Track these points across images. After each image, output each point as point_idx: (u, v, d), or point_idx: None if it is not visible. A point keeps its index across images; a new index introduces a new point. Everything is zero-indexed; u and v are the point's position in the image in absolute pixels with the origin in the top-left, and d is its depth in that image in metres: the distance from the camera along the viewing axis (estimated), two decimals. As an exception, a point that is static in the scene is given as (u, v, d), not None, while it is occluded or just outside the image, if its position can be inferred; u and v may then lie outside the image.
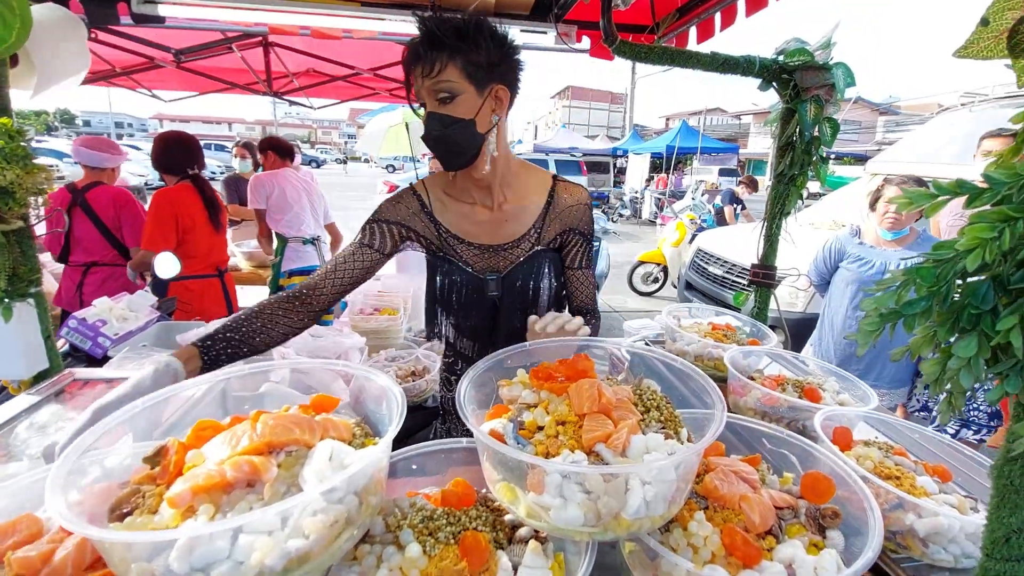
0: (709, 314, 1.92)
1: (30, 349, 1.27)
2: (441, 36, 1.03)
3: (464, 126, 1.09)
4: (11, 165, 1.15)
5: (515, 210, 1.27)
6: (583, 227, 1.29)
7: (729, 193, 7.47)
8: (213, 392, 1.11)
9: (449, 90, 1.05)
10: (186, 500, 0.52)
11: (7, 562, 0.60)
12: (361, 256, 1.23)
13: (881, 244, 2.84)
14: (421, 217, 1.27)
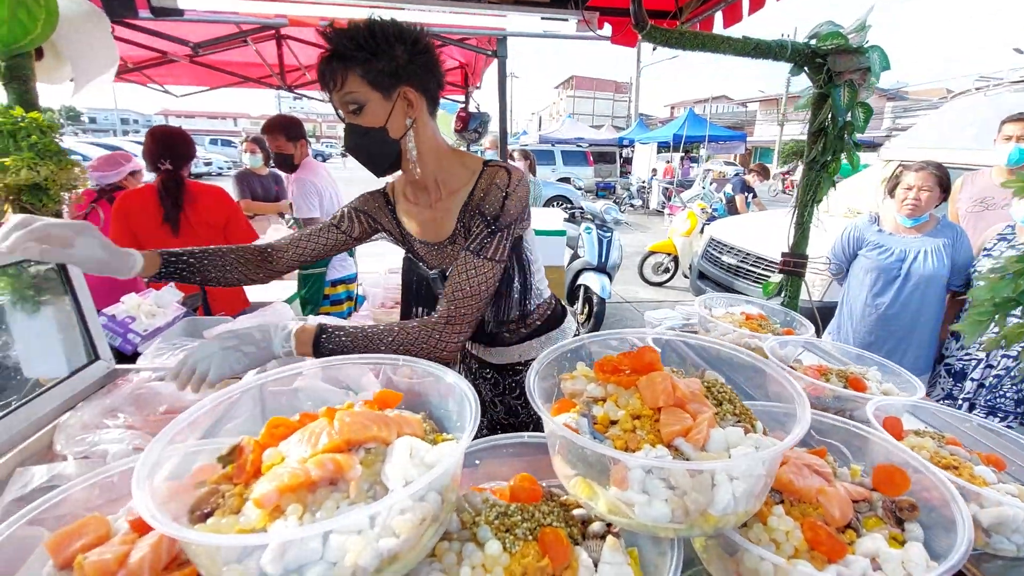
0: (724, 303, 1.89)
1: (68, 345, 1.26)
2: (340, 48, 1.05)
3: (376, 134, 1.11)
4: (45, 161, 1.14)
5: (448, 204, 1.24)
6: (485, 208, 1.15)
7: (740, 182, 7.41)
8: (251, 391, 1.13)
9: (355, 100, 1.07)
10: (273, 500, 0.51)
11: (79, 565, 0.59)
12: (328, 234, 1.35)
13: (900, 231, 2.80)
14: (386, 213, 1.35)
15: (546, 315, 1.41)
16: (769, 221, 6.14)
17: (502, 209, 1.14)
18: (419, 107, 1.13)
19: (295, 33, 3.34)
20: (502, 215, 1.14)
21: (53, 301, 1.23)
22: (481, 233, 1.14)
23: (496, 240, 1.13)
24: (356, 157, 1.17)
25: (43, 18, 1.17)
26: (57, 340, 1.25)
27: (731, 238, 5.48)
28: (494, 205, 1.14)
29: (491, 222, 1.14)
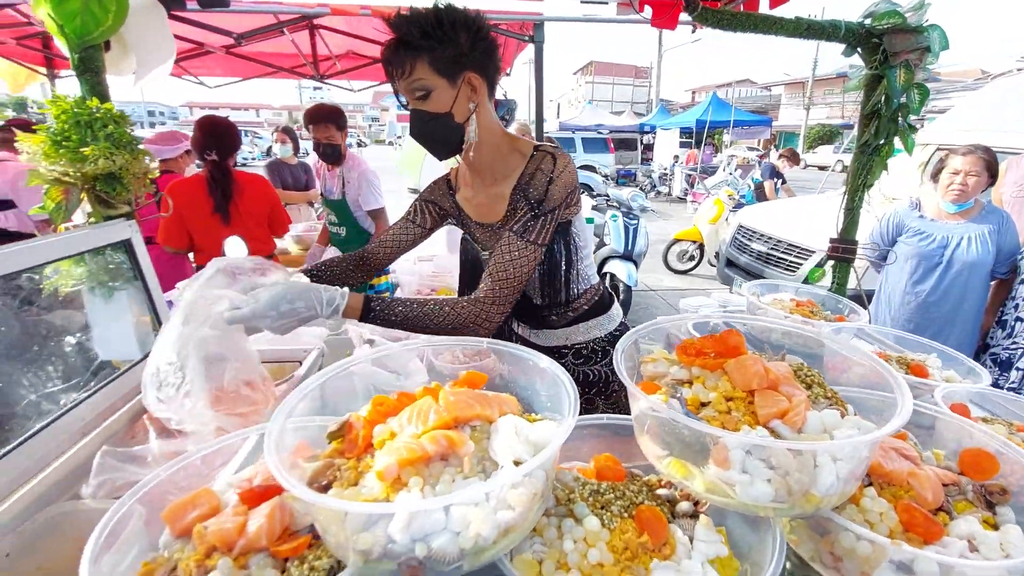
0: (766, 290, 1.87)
1: (139, 329, 1.31)
2: (407, 37, 1.07)
3: (442, 119, 1.13)
4: (119, 151, 1.18)
5: (501, 189, 1.27)
6: (530, 192, 1.18)
7: (769, 167, 7.26)
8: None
9: (422, 87, 1.10)
10: (394, 473, 0.53)
11: (199, 534, 0.62)
12: (406, 230, 1.44)
13: (943, 217, 2.73)
14: (448, 198, 1.40)
15: (593, 300, 1.43)
16: (799, 207, 6.01)
17: (546, 194, 1.17)
18: (481, 92, 1.16)
19: (327, 23, 3.35)
20: (546, 199, 1.16)
21: (125, 287, 1.28)
22: (525, 216, 1.17)
23: (539, 224, 1.16)
24: (421, 141, 1.20)
25: (114, 10, 1.20)
26: (130, 324, 1.30)
27: (761, 225, 5.39)
28: (539, 189, 1.17)
29: (535, 206, 1.17)
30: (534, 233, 1.16)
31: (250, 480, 0.70)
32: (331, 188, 3.03)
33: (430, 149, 1.21)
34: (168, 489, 0.82)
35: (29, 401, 1.08)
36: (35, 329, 1.14)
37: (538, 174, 1.18)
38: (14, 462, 0.95)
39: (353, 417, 0.63)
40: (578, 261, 1.34)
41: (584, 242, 1.35)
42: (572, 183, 1.20)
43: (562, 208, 1.19)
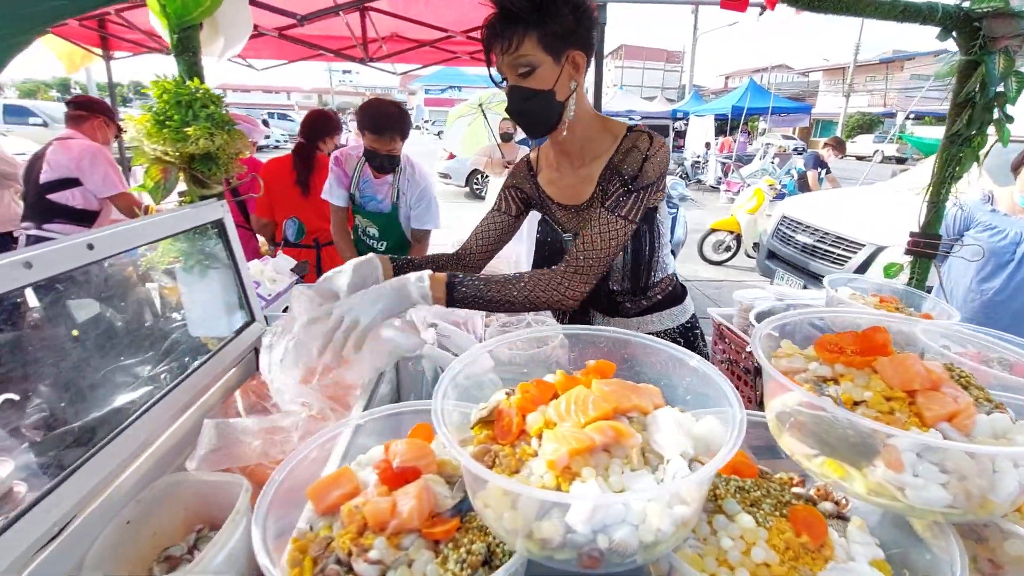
0: (841, 284, 1.81)
1: (230, 307, 1.34)
2: (517, 11, 1.04)
3: (544, 97, 1.11)
4: (218, 131, 1.19)
5: (589, 170, 1.26)
6: (624, 169, 1.15)
7: (813, 156, 7.03)
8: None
9: (528, 64, 1.08)
10: (564, 462, 0.53)
11: (349, 513, 0.63)
12: (495, 221, 1.41)
13: (1018, 212, 2.60)
14: (528, 180, 1.38)
15: (667, 290, 1.41)
16: (847, 199, 5.83)
17: (640, 170, 1.15)
18: (582, 71, 1.15)
19: (377, 4, 3.34)
20: (640, 176, 1.15)
21: (217, 266, 1.31)
22: (617, 191, 1.15)
23: (632, 200, 1.14)
24: (519, 119, 1.19)
25: (213, -9, 1.21)
26: (220, 303, 1.32)
27: (806, 216, 5.24)
28: (633, 166, 1.15)
29: (628, 181, 1.15)
30: (625, 208, 1.14)
31: (387, 461, 0.70)
32: (374, 196, 2.57)
33: (526, 127, 1.20)
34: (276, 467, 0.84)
35: (139, 378, 1.11)
36: (139, 308, 1.17)
37: (633, 151, 1.16)
38: (132, 436, 0.98)
39: (503, 403, 0.63)
40: (659, 248, 1.33)
41: (665, 229, 1.34)
42: (665, 165, 1.19)
43: (653, 189, 1.17)
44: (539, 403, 0.63)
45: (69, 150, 2.67)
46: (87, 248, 0.88)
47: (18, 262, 0.76)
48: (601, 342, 0.80)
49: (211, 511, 1.04)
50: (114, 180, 2.74)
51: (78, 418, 0.90)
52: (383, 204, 2.58)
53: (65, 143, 2.69)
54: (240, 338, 1.32)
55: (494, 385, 1.76)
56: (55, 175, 2.63)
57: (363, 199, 2.59)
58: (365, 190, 2.59)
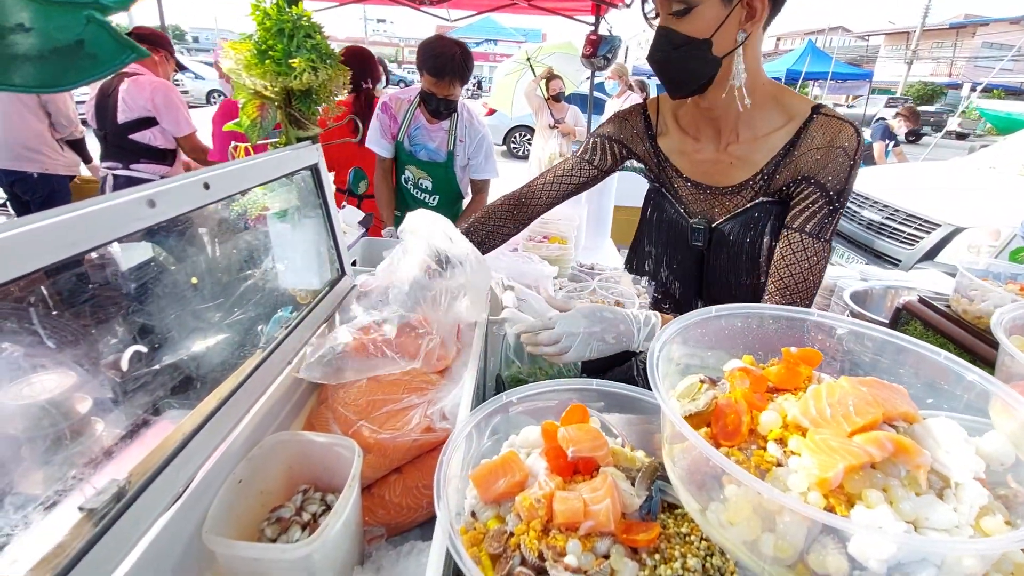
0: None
1: (321, 260, 1.27)
2: None
3: (696, 48, 0.92)
4: (323, 64, 1.08)
5: (745, 151, 1.04)
6: (824, 178, 0.95)
7: (882, 127, 6.55)
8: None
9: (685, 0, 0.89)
10: (838, 480, 0.43)
11: (529, 508, 0.55)
12: (580, 170, 1.26)
13: None
14: (644, 140, 1.20)
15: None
16: (919, 174, 5.45)
17: (846, 182, 0.94)
18: (760, 20, 0.92)
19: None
20: (846, 190, 0.95)
21: (311, 215, 1.22)
22: (822, 212, 0.96)
23: (835, 218, 0.96)
24: (661, 70, 0.99)
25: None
26: (313, 254, 1.25)
27: (874, 190, 4.91)
28: (839, 176, 0.94)
29: (834, 198, 0.95)
30: (830, 231, 0.97)
31: (557, 448, 0.62)
32: (426, 144, 2.36)
33: (670, 82, 1.00)
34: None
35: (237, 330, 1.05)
36: (233, 258, 1.10)
37: (838, 154, 0.94)
38: (245, 395, 0.92)
39: (721, 398, 0.53)
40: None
41: None
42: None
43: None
44: (762, 394, 0.53)
45: (142, 88, 2.60)
46: (204, 188, 0.79)
47: (142, 200, 0.67)
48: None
49: (315, 471, 1.00)
50: (187, 120, 2.68)
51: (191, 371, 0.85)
52: (437, 153, 2.38)
53: (137, 80, 2.60)
54: (333, 292, 1.25)
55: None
56: (133, 114, 2.58)
57: (413, 147, 2.36)
58: (416, 138, 2.36)
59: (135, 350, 0.67)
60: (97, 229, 0.60)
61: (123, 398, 0.85)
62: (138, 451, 0.79)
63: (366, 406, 1.09)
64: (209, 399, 0.88)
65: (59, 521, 0.66)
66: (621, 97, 5.07)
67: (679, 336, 0.59)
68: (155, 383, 0.82)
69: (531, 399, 0.72)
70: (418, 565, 0.90)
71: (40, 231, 0.53)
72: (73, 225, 0.57)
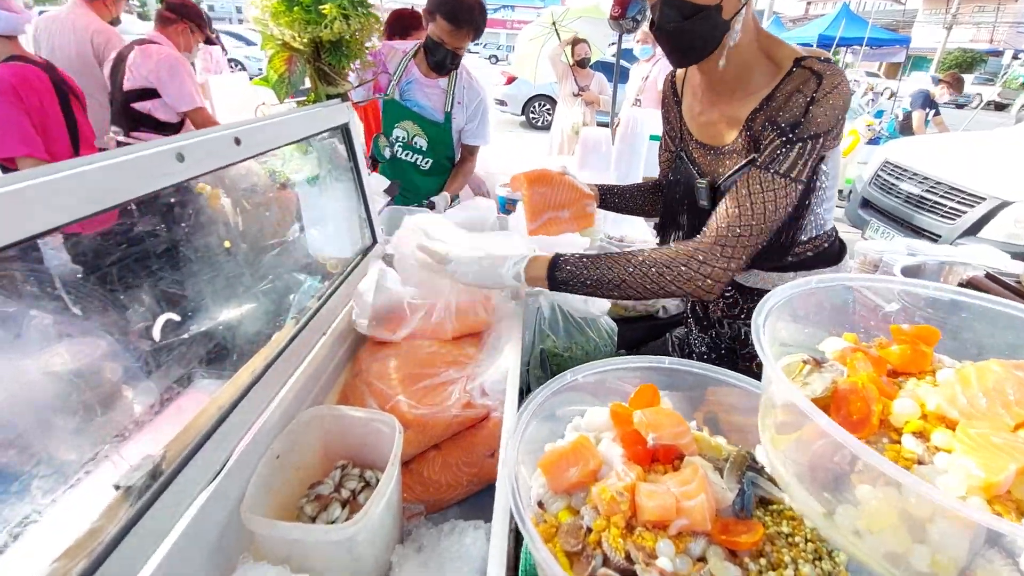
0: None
1: (352, 229, 1.20)
2: None
3: (707, 16, 0.89)
4: (354, 11, 0.99)
5: (737, 109, 1.00)
6: (780, 116, 0.91)
7: (923, 95, 6.21)
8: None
9: None
10: (1008, 484, 0.36)
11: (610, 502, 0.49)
12: (664, 154, 1.27)
13: None
14: (673, 107, 1.21)
15: (821, 248, 1.15)
16: (962, 144, 5.17)
17: (804, 116, 0.89)
18: None
19: None
20: (803, 123, 0.89)
21: (341, 178, 1.15)
22: (773, 144, 0.91)
23: (794, 153, 0.89)
24: (668, 42, 0.96)
25: None
26: (343, 219, 1.18)
27: (914, 162, 4.68)
28: (793, 112, 0.90)
29: (786, 130, 0.90)
30: (786, 163, 0.90)
31: (634, 433, 0.55)
32: (419, 102, 2.09)
33: (674, 52, 0.96)
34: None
35: (268, 299, 1.00)
36: (266, 226, 1.04)
37: (795, 96, 0.91)
38: (281, 368, 0.87)
39: (840, 383, 0.46)
40: (816, 204, 1.07)
41: (831, 182, 1.06)
42: (842, 108, 0.90)
43: (828, 138, 0.91)
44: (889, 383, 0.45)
45: (148, 58, 2.51)
46: (235, 143, 0.72)
47: (171, 152, 0.61)
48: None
49: (352, 447, 0.95)
50: (191, 94, 2.59)
51: (224, 341, 0.79)
52: (435, 111, 2.12)
53: (146, 50, 2.52)
54: (366, 260, 1.18)
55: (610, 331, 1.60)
56: (136, 84, 2.50)
57: (406, 100, 2.08)
58: (408, 93, 2.06)
59: (167, 318, 0.62)
60: (123, 183, 0.53)
61: (155, 368, 0.81)
62: (171, 425, 0.75)
63: (403, 380, 1.04)
64: (243, 371, 0.83)
65: (93, 500, 0.62)
66: (651, 61, 4.83)
67: (785, 308, 0.52)
68: (188, 353, 0.78)
69: (597, 376, 0.65)
70: (460, 545, 0.86)
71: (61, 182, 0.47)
72: (97, 178, 0.50)
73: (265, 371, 0.82)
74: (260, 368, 0.83)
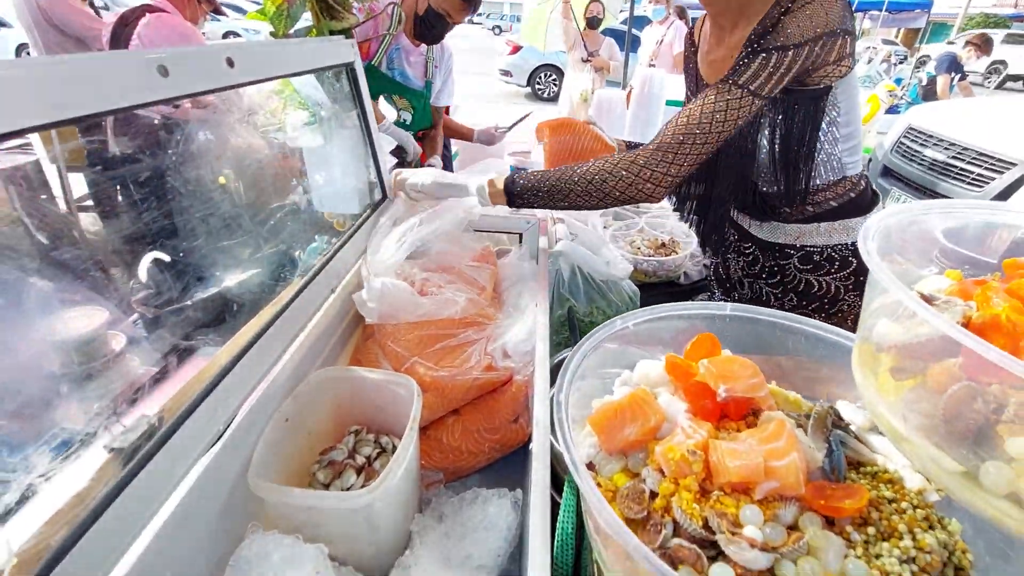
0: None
1: (360, 182, 1.11)
2: None
3: None
4: (358, -68, 0.88)
5: (738, 38, 0.95)
6: (755, 30, 0.86)
7: (949, 59, 5.94)
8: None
9: None
10: None
11: (680, 461, 0.41)
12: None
13: None
14: (691, 56, 1.14)
15: (846, 197, 1.06)
16: (990, 108, 4.96)
17: (775, 26, 0.83)
18: None
19: None
20: (772, 33, 0.83)
21: (348, 125, 1.06)
22: (740, 55, 0.87)
23: (756, 63, 0.84)
24: None
25: None
26: (352, 173, 1.09)
27: (938, 127, 4.48)
28: (765, 23, 0.85)
29: (752, 40, 0.85)
30: (745, 74, 0.85)
31: (702, 385, 0.47)
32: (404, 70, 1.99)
33: None
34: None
35: (271, 254, 0.92)
36: (258, 173, 0.95)
37: (773, 10, 0.86)
38: (285, 325, 0.80)
39: (976, 317, 0.37)
40: (831, 145, 0.99)
41: (848, 119, 0.98)
42: (828, 21, 0.83)
43: (802, 53, 0.84)
44: None
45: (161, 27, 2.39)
46: (227, 64, 0.63)
47: (151, 63, 0.52)
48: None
49: (366, 411, 0.88)
50: None
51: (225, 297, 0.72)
52: (414, 81, 2.00)
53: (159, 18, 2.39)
54: (376, 216, 1.09)
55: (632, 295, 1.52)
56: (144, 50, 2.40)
57: (389, 69, 1.92)
58: (395, 61, 1.93)
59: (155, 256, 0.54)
60: (96, 90, 0.45)
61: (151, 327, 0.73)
62: (168, 386, 0.68)
63: (419, 341, 0.96)
64: (246, 329, 0.76)
65: (84, 463, 0.56)
66: (665, 24, 4.63)
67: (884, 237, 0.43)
68: (184, 312, 0.70)
69: (648, 324, 0.56)
70: (484, 515, 0.79)
71: (25, 80, 0.38)
72: (56, 80, 0.42)
73: (268, 327, 0.74)
74: (263, 324, 0.75)
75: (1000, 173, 3.92)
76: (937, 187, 4.31)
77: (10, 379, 0.66)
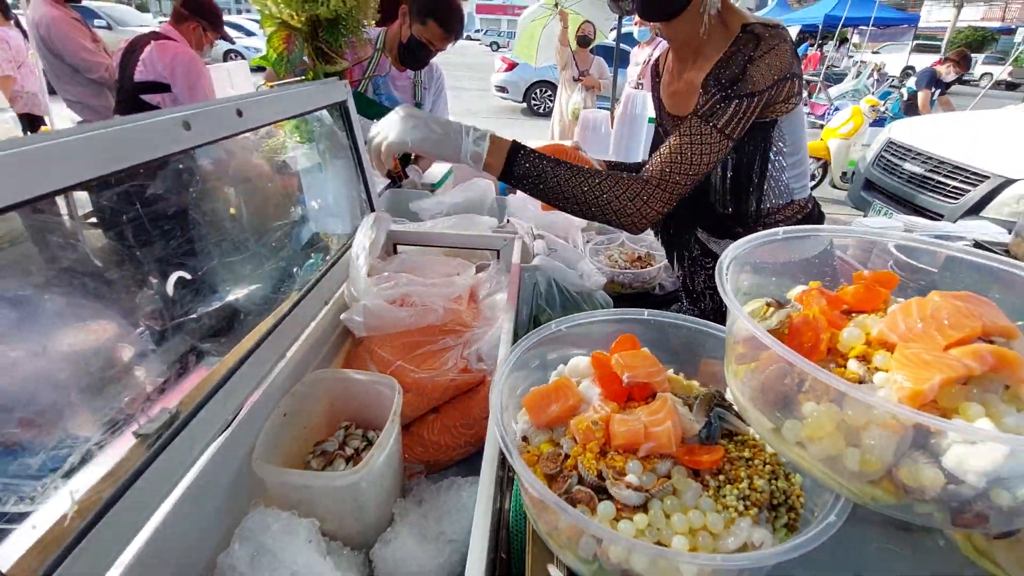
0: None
1: (351, 205, 1.25)
2: None
3: None
4: (350, -10, 1.02)
5: (696, 74, 1.04)
6: (722, 74, 0.95)
7: (929, 74, 6.14)
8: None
9: None
10: (932, 393, 0.40)
11: (586, 431, 0.53)
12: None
13: None
14: (655, 84, 1.21)
15: (794, 219, 1.17)
16: (967, 123, 5.12)
17: (742, 74, 0.93)
18: None
19: None
20: (741, 81, 0.93)
21: (340, 156, 1.19)
22: (713, 97, 0.95)
23: (731, 108, 0.94)
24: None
25: None
26: (343, 196, 1.23)
27: (918, 141, 4.64)
28: (733, 70, 0.94)
29: (726, 86, 0.94)
30: (723, 118, 0.94)
31: (611, 374, 0.60)
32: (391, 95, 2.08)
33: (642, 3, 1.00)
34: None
35: (273, 269, 1.05)
36: (262, 199, 1.09)
37: (736, 56, 0.95)
38: (284, 332, 0.92)
39: (796, 316, 0.50)
40: (778, 172, 1.10)
41: (794, 149, 1.10)
42: (781, 68, 0.95)
43: (763, 98, 0.95)
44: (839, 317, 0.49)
45: (165, 53, 2.56)
46: (237, 114, 0.77)
47: (177, 120, 0.65)
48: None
49: (355, 408, 1.00)
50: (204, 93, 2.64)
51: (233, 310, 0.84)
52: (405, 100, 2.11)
53: (163, 45, 2.56)
54: (361, 234, 1.23)
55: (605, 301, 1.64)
56: (149, 76, 2.55)
57: (376, 93, 2.02)
58: (381, 87, 2.03)
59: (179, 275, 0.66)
60: (132, 147, 0.58)
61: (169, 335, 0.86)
62: (186, 383, 0.80)
63: (402, 347, 1.09)
64: (251, 335, 0.88)
65: (118, 445, 0.67)
66: (651, 45, 4.82)
67: (746, 255, 0.56)
68: (200, 320, 0.83)
69: (580, 328, 0.69)
70: (458, 499, 0.91)
71: (69, 145, 0.51)
72: (107, 141, 0.55)
73: (270, 333, 0.87)
74: (266, 331, 0.88)
75: (974, 185, 4.07)
76: (915, 199, 4.47)
77: (72, 372, 0.78)
